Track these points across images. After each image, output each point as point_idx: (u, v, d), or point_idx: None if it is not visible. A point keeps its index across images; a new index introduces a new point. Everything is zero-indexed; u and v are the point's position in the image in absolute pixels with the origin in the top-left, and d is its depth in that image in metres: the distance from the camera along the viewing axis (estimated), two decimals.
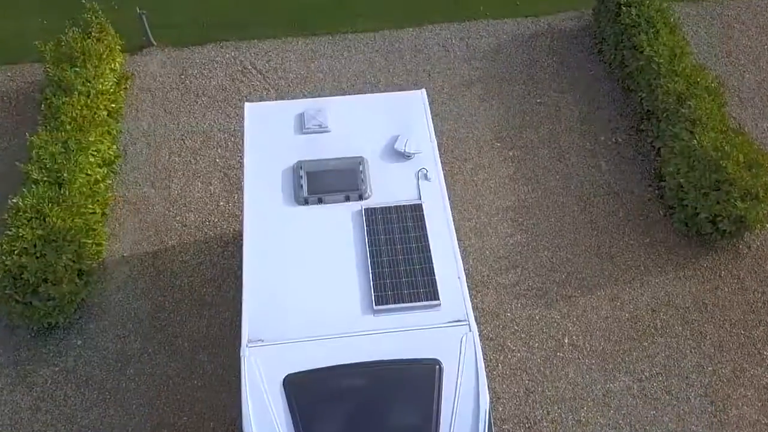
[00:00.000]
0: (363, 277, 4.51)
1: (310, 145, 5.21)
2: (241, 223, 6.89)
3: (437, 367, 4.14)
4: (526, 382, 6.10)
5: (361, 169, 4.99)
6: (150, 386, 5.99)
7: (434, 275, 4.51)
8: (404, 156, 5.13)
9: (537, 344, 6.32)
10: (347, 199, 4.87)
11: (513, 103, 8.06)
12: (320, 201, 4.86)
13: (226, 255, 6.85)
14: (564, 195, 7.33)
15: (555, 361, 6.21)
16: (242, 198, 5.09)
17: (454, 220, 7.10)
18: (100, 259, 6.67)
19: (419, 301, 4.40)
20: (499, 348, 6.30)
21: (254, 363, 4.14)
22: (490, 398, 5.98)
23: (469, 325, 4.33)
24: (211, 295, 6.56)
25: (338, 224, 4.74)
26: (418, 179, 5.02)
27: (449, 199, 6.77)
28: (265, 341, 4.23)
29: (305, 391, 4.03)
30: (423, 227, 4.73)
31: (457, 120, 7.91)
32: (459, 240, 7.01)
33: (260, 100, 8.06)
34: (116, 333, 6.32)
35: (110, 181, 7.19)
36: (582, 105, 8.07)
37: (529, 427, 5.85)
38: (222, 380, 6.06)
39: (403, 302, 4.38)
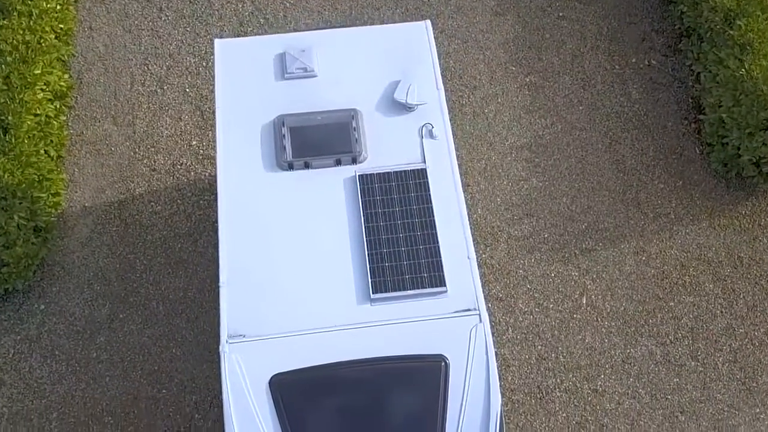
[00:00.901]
0: (358, 259, 4.26)
1: (294, 93, 4.79)
2: (215, 166, 6.54)
3: (443, 363, 3.98)
4: (539, 347, 6.03)
5: (354, 125, 4.62)
6: (124, 356, 5.90)
7: (440, 256, 4.26)
8: (405, 108, 4.73)
9: (552, 305, 6.19)
10: (338, 163, 4.53)
11: (531, 17, 7.47)
12: (307, 166, 4.53)
13: (201, 204, 6.56)
14: (588, 130, 6.94)
15: (571, 324, 6.11)
16: (215, 159, 4.75)
17: (460, 163, 6.78)
18: (59, 211, 6.38)
19: (423, 287, 4.17)
20: (510, 309, 6.19)
21: (236, 361, 3.97)
22: (499, 367, 5.93)
23: (479, 314, 4.13)
24: (187, 252, 6.34)
25: (328, 194, 4.44)
26: (422, 137, 4.66)
27: (457, 141, 6.37)
28: (248, 336, 4.04)
29: (294, 393, 3.89)
30: (427, 198, 4.42)
31: (465, 39, 7.36)
32: (466, 185, 6.72)
33: (234, 14, 7.46)
34: (82, 296, 6.14)
35: (64, 118, 6.76)
36: (611, 19, 7.50)
37: (540, 397, 5.84)
38: (203, 349, 5.96)
39: (404, 289, 4.16)
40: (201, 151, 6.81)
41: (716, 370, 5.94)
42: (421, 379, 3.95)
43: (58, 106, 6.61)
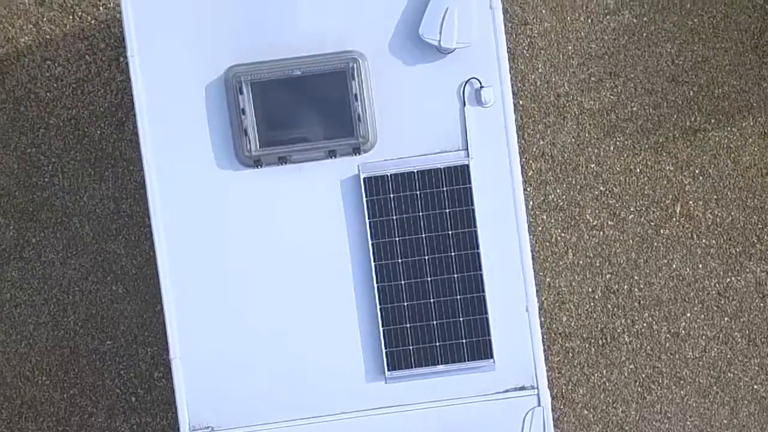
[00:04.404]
0: (366, 315, 3.88)
1: (254, 23, 3.86)
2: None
3: None
4: (607, 276, 5.81)
5: (355, 85, 3.78)
6: (48, 297, 5.73)
7: (486, 311, 3.83)
8: (438, 50, 3.81)
9: (632, 216, 5.80)
10: (332, 154, 3.82)
11: None
12: (283, 161, 3.82)
13: (122, 64, 5.70)
14: None
15: (655, 243, 5.81)
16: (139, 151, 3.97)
17: None
18: None
19: (460, 360, 3.83)
20: (573, 223, 5.81)
21: None
22: (552, 299, 5.79)
23: (538, 395, 3.86)
24: (112, 141, 5.73)
25: (317, 209, 3.87)
26: (464, 102, 3.82)
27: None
28: (217, 428, 3.86)
29: None
30: (471, 216, 3.80)
31: None
32: (523, 22, 5.75)
33: None
34: None
35: None
36: None
37: (603, 343, 5.81)
38: (151, 284, 5.73)
39: (434, 363, 3.83)
40: None
41: None
42: None
43: None
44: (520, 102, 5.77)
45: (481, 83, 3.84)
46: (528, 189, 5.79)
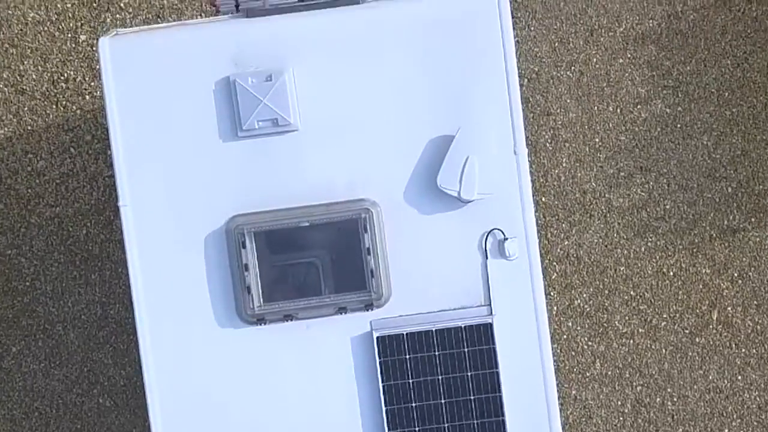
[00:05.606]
0: None
1: (258, 169, 3.76)
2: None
3: None
4: (638, 388, 5.77)
5: (368, 237, 3.71)
6: (29, 410, 5.70)
7: None
8: (459, 200, 3.74)
9: (665, 323, 5.78)
10: (342, 311, 3.75)
11: None
12: (288, 318, 3.75)
13: (109, 157, 5.64)
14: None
15: (690, 353, 5.78)
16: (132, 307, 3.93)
17: (535, 69, 5.64)
18: None
19: None
20: (601, 331, 5.77)
21: None
22: (579, 412, 5.75)
23: None
24: (99, 241, 5.71)
25: (326, 370, 3.80)
26: (486, 254, 3.76)
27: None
28: None
29: None
30: (495, 380, 3.73)
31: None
32: (545, 113, 5.71)
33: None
34: None
35: None
36: None
37: None
38: (140, 395, 5.63)
39: None
40: (97, 54, 5.72)
41: None
42: None
43: None
44: (543, 199, 5.73)
45: (504, 235, 3.76)
46: (552, 293, 5.75)
